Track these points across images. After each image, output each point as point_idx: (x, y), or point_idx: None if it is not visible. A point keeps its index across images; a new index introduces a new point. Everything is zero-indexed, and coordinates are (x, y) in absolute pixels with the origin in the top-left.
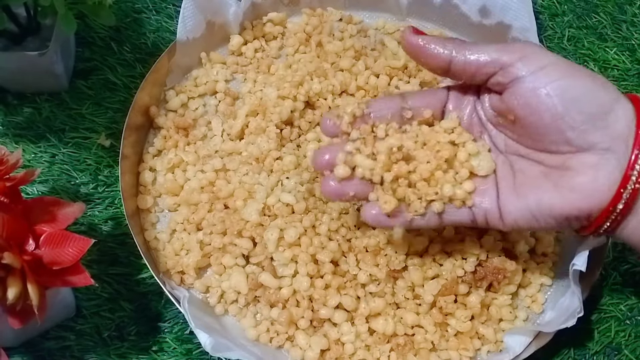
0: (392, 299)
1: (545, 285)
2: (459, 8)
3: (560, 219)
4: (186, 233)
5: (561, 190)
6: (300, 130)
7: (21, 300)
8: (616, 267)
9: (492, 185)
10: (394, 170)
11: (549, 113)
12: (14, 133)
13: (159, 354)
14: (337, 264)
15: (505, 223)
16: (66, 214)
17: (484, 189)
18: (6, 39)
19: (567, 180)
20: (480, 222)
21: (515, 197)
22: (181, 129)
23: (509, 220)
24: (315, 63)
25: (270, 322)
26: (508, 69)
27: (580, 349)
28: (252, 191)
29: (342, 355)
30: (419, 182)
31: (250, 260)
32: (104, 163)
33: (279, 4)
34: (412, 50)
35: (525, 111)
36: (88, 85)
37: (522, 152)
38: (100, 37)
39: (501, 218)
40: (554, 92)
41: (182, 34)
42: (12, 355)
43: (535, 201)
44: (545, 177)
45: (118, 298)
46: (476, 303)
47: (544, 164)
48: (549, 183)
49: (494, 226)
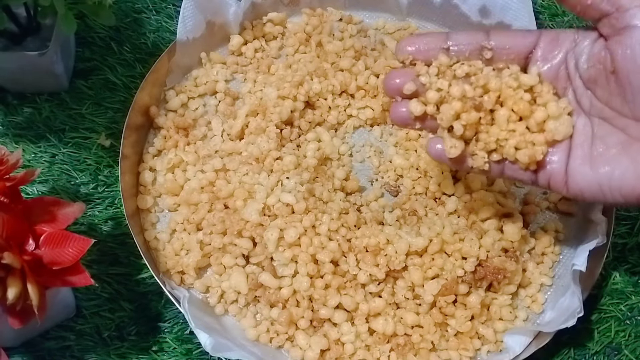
0: (392, 299)
1: (545, 285)
2: (459, 8)
3: (630, 197)
4: (186, 233)
5: (636, 168)
6: (300, 130)
7: (21, 300)
8: (616, 267)
9: (564, 148)
10: (464, 119)
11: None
12: (14, 133)
13: (159, 354)
14: (337, 264)
15: (570, 190)
16: (66, 214)
17: (555, 151)
18: (6, 39)
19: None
20: (541, 183)
21: (587, 167)
22: (181, 129)
23: (575, 188)
24: (315, 63)
25: (270, 322)
26: (624, 13)
27: (580, 349)
28: (252, 191)
29: (342, 355)
30: (488, 137)
31: (250, 260)
32: (104, 163)
33: (279, 4)
34: None
35: (628, 65)
36: (88, 85)
37: (608, 114)
38: (100, 37)
39: (566, 184)
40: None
41: (182, 34)
42: (12, 355)
43: (607, 175)
44: (624, 149)
45: (118, 298)
46: (476, 303)
47: (626, 132)
48: (626, 157)
49: (556, 190)
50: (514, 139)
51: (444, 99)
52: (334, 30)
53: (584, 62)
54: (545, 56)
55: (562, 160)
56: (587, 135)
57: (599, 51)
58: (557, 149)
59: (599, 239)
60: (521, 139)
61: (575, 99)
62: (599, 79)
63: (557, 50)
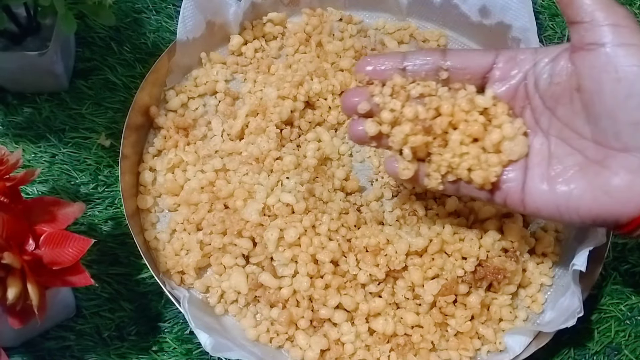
0: (392, 299)
1: (545, 285)
2: (459, 8)
3: (586, 218)
4: (186, 233)
5: (594, 190)
6: (300, 130)
7: (21, 300)
8: (616, 267)
9: (521, 167)
10: (411, 141)
11: (613, 97)
12: (14, 133)
13: (159, 354)
14: (337, 264)
15: (527, 209)
16: (66, 214)
17: (511, 170)
18: (6, 39)
19: (603, 181)
20: (498, 202)
21: (544, 187)
22: (181, 129)
23: (532, 207)
24: (315, 63)
25: (270, 322)
26: (596, 27)
27: (580, 349)
28: (252, 191)
29: (342, 355)
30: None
31: (250, 260)
32: (104, 163)
33: (279, 4)
34: None
35: (593, 86)
36: (88, 85)
37: (566, 135)
38: (100, 37)
39: (523, 203)
40: (626, 77)
41: (182, 34)
42: (12, 355)
43: (565, 195)
44: (581, 171)
45: (118, 298)
46: (476, 303)
47: (584, 155)
48: (583, 179)
49: (513, 208)
50: (466, 162)
51: (398, 119)
52: (334, 30)
53: (547, 79)
54: (503, 76)
55: (519, 179)
56: (544, 154)
57: (565, 66)
58: (513, 168)
59: (599, 239)
60: (474, 162)
61: (534, 118)
62: (563, 97)
63: (516, 70)
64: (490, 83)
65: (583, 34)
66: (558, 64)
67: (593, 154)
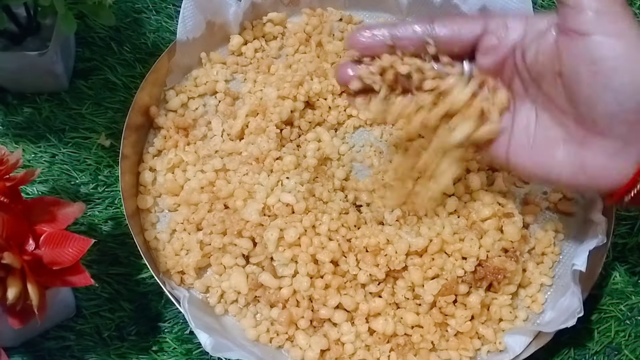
0: (392, 299)
1: (545, 285)
2: (459, 8)
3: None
4: (186, 233)
5: (572, 166)
6: (300, 130)
7: (21, 300)
8: (616, 267)
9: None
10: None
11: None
12: (14, 133)
13: (159, 354)
14: (337, 264)
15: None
16: (66, 214)
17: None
18: (6, 39)
19: (581, 158)
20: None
21: (527, 155)
22: (181, 129)
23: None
24: (315, 63)
25: (270, 322)
26: (580, 12)
27: (580, 349)
28: (252, 191)
29: (342, 355)
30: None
31: (250, 260)
32: (104, 163)
33: (279, 4)
34: None
35: (571, 74)
36: (88, 85)
37: (552, 108)
38: (100, 37)
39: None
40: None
41: (182, 34)
42: (12, 355)
43: (545, 168)
44: (563, 144)
45: (118, 298)
46: (476, 303)
47: (566, 130)
48: (563, 152)
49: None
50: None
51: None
52: (334, 30)
53: (533, 55)
54: (492, 46)
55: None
56: (531, 121)
57: (550, 45)
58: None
59: (599, 239)
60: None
61: (523, 87)
62: (547, 77)
63: (505, 40)
64: (479, 52)
65: (566, 18)
66: (546, 40)
67: (574, 132)
